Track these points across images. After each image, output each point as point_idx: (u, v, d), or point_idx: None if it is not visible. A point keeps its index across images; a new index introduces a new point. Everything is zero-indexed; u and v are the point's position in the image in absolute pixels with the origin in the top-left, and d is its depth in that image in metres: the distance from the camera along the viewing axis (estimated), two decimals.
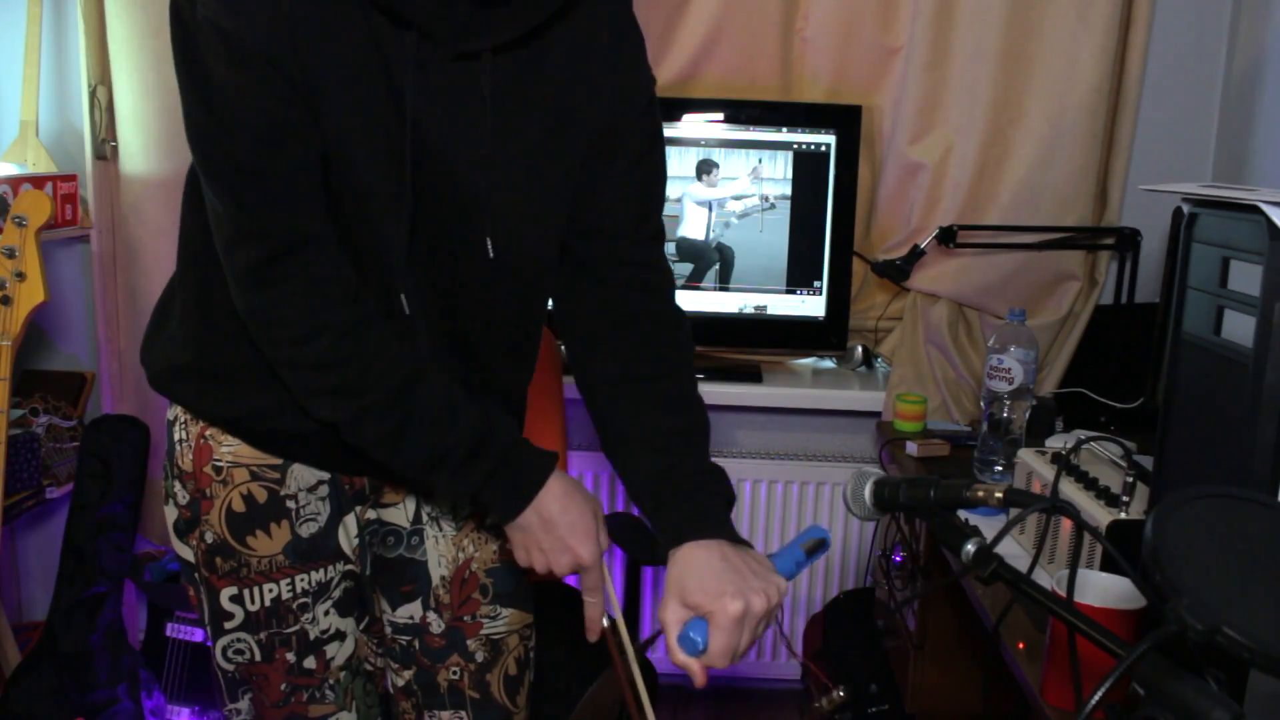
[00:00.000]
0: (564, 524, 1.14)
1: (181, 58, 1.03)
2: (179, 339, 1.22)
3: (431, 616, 1.34)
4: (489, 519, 1.34)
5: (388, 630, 1.36)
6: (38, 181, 2.25)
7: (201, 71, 1.02)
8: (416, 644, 1.35)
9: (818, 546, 1.15)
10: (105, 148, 2.45)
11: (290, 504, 1.23)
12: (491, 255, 1.16)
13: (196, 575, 1.26)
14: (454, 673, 1.35)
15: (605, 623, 1.17)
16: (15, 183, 2.19)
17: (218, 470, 1.22)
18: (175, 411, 1.26)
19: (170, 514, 1.27)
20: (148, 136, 2.38)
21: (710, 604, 1.05)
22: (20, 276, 1.94)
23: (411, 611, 1.34)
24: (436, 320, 1.18)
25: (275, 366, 1.13)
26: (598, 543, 1.15)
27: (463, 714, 1.36)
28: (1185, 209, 1.21)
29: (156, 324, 1.27)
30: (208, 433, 1.22)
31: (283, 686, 1.26)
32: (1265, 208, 1.04)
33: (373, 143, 1.07)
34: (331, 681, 1.28)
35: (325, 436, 1.18)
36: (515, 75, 1.12)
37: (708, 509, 1.14)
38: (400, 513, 1.32)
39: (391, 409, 1.11)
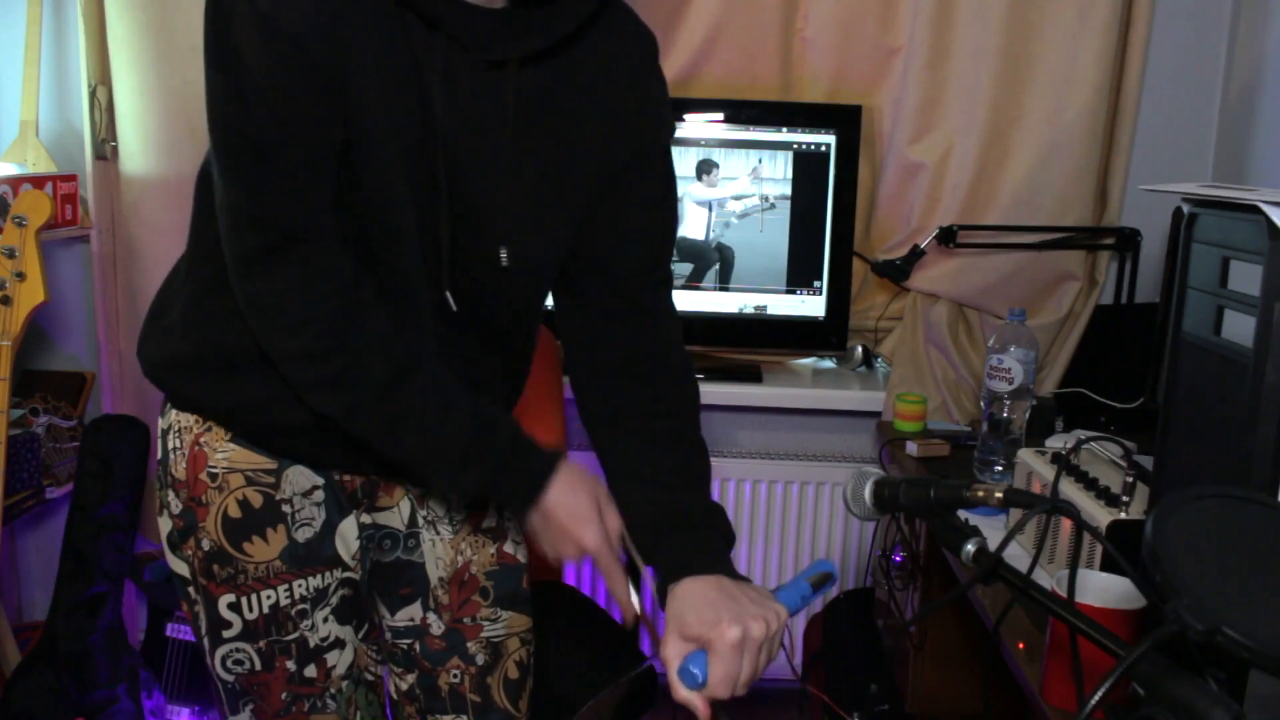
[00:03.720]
0: (562, 513, 1.14)
1: (212, 37, 1.03)
2: (177, 329, 1.21)
3: (431, 617, 1.34)
4: (484, 524, 1.34)
5: (387, 636, 1.36)
6: (38, 181, 2.25)
7: (231, 51, 1.01)
8: (417, 647, 1.35)
9: (824, 580, 1.13)
10: (105, 148, 2.45)
11: (286, 508, 1.23)
12: (505, 264, 1.16)
13: (191, 588, 1.25)
14: (454, 676, 1.35)
15: (636, 603, 1.14)
16: (15, 183, 2.19)
17: (213, 477, 1.21)
18: (169, 419, 1.25)
19: (164, 525, 1.26)
20: (148, 136, 2.38)
21: (708, 632, 1.04)
22: (20, 276, 1.94)
23: (411, 614, 1.34)
24: (453, 334, 1.18)
25: (272, 358, 1.13)
26: (599, 526, 1.14)
27: (464, 718, 1.36)
28: (1185, 209, 1.21)
29: (154, 315, 1.26)
30: (202, 439, 1.22)
31: (284, 696, 1.26)
32: (1265, 208, 1.04)
33: (398, 140, 1.07)
34: (333, 691, 1.28)
35: (320, 431, 1.18)
36: (538, 90, 1.13)
37: (707, 546, 1.13)
38: (395, 516, 1.32)
39: (383, 402, 1.11)
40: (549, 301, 1.31)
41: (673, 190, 1.28)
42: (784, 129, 2.38)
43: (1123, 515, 1.37)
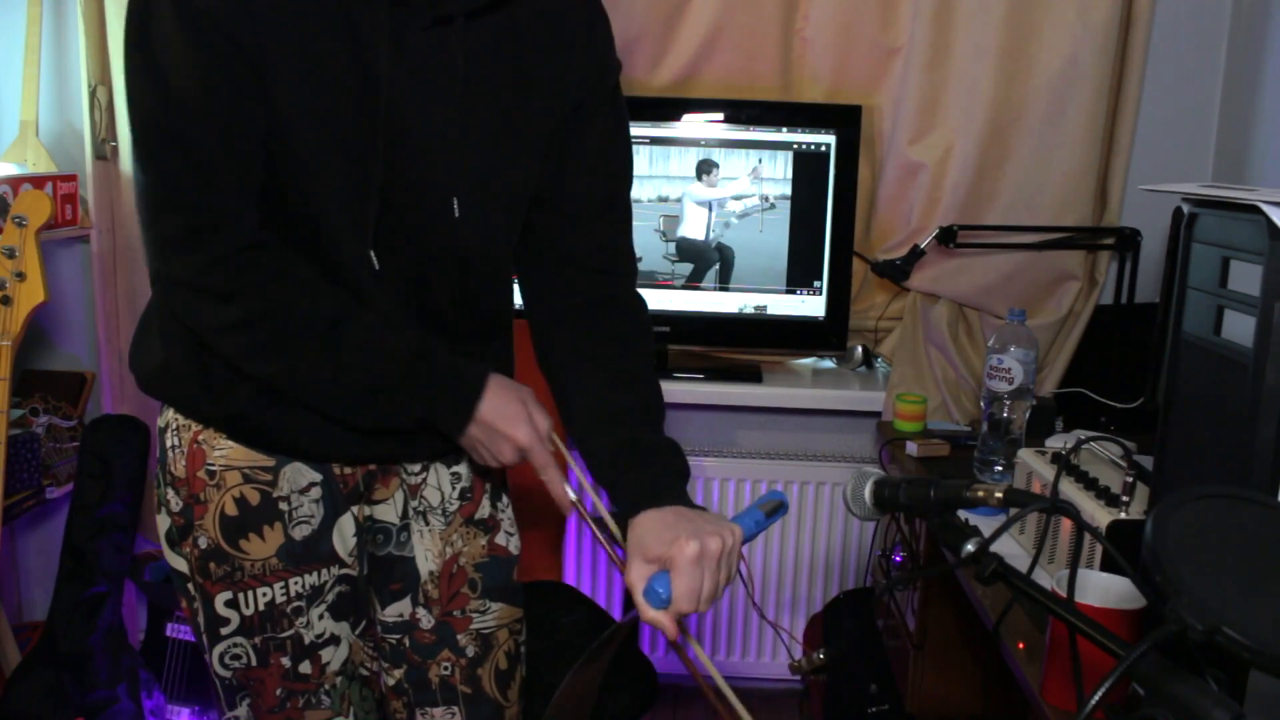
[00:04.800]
0: (492, 415, 1.17)
1: (132, 18, 1.04)
2: (158, 343, 1.23)
3: (421, 612, 1.35)
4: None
5: (378, 630, 1.37)
6: (38, 181, 2.25)
7: (148, 35, 1.03)
8: (407, 641, 1.35)
9: (777, 508, 1.18)
10: (105, 148, 2.45)
11: (283, 505, 1.23)
12: (457, 214, 1.18)
13: (190, 585, 1.26)
14: (445, 668, 1.35)
15: (572, 495, 1.20)
16: (15, 183, 2.18)
17: (211, 474, 1.22)
18: (167, 418, 1.26)
19: (163, 523, 1.26)
20: None
21: (667, 550, 1.07)
22: (20, 276, 1.94)
23: (401, 609, 1.35)
24: (408, 294, 1.20)
25: (202, 335, 1.15)
26: (530, 424, 1.18)
27: (455, 709, 1.36)
28: (1185, 209, 1.21)
29: (142, 329, 1.27)
30: (200, 437, 1.22)
31: (278, 691, 1.26)
32: (1265, 208, 1.04)
33: (334, 113, 1.09)
34: (327, 686, 1.28)
35: (318, 423, 1.19)
36: (484, 43, 1.15)
37: (663, 480, 1.17)
38: (390, 509, 1.33)
39: (322, 353, 1.13)
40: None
41: (624, 127, 1.30)
42: (784, 129, 2.38)
43: (1123, 515, 1.37)
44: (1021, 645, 1.36)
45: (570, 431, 1.26)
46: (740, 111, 2.39)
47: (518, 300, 1.36)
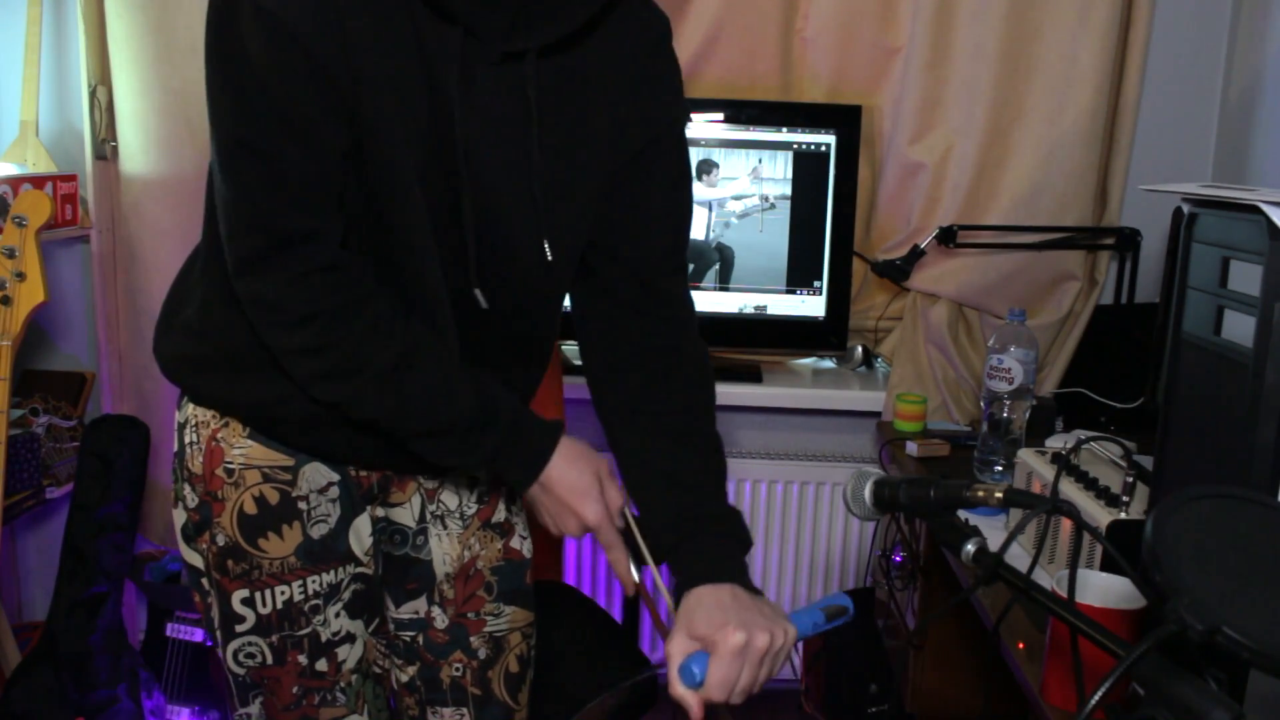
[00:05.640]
0: (563, 488, 1.15)
1: (214, 33, 1.02)
2: (194, 328, 1.21)
3: (435, 611, 1.35)
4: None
5: (391, 627, 1.37)
6: (38, 181, 2.25)
7: (234, 51, 1.00)
8: (420, 639, 1.35)
9: (839, 613, 1.14)
10: (105, 148, 2.45)
11: (302, 505, 1.23)
12: (550, 258, 1.16)
13: (205, 580, 1.25)
14: (456, 669, 1.35)
15: (636, 576, 1.17)
16: (15, 183, 2.18)
17: (229, 473, 1.21)
18: (186, 414, 1.25)
19: (179, 518, 1.26)
20: (148, 136, 2.38)
21: (713, 633, 1.05)
22: (20, 276, 1.94)
23: (416, 607, 1.35)
24: (469, 327, 1.18)
25: (274, 353, 1.14)
26: (600, 502, 1.16)
27: (464, 710, 1.36)
28: (1185, 209, 1.21)
29: (169, 311, 1.26)
30: (219, 435, 1.22)
31: (294, 689, 1.26)
32: (1265, 208, 1.04)
33: (410, 143, 1.07)
34: (343, 684, 1.28)
35: (335, 426, 1.18)
36: (555, 81, 1.12)
37: (725, 554, 1.14)
38: (407, 512, 1.32)
39: (385, 388, 1.12)
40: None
41: (688, 175, 1.28)
42: (784, 129, 2.38)
43: (1123, 515, 1.37)
44: (1021, 645, 1.36)
45: (625, 482, 1.23)
46: (740, 111, 2.39)
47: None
